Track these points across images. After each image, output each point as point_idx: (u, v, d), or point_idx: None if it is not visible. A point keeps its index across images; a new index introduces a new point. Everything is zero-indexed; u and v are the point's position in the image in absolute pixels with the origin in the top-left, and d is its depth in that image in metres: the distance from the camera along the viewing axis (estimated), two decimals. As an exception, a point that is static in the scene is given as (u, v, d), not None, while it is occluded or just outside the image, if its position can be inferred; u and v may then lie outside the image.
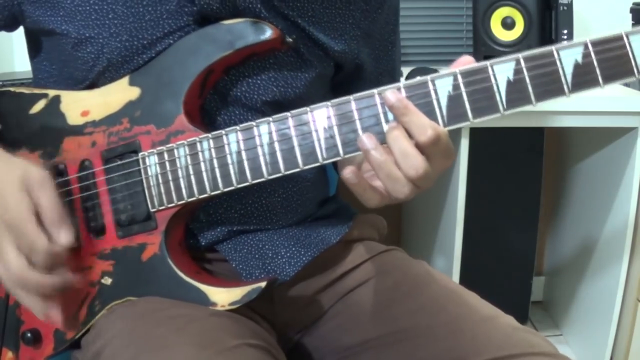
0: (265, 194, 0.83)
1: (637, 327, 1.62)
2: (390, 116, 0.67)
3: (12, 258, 0.69)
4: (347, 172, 0.66)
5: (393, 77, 0.94)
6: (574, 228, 1.97)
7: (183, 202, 0.75)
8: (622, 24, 0.61)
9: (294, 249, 0.84)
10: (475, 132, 1.55)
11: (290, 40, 0.76)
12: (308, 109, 0.69)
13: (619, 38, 0.63)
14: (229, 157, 0.72)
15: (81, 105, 0.79)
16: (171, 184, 0.75)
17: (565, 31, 1.73)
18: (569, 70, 0.64)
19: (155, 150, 0.75)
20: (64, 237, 0.70)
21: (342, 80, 0.90)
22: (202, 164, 0.73)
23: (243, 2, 0.76)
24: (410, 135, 0.65)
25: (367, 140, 0.65)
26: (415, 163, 0.64)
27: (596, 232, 1.76)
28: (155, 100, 0.76)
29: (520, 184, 1.90)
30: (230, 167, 0.72)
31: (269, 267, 0.83)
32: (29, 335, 0.80)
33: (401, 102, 0.65)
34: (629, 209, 1.58)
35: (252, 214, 0.84)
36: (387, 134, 0.65)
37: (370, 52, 0.90)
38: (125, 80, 0.78)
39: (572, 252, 1.96)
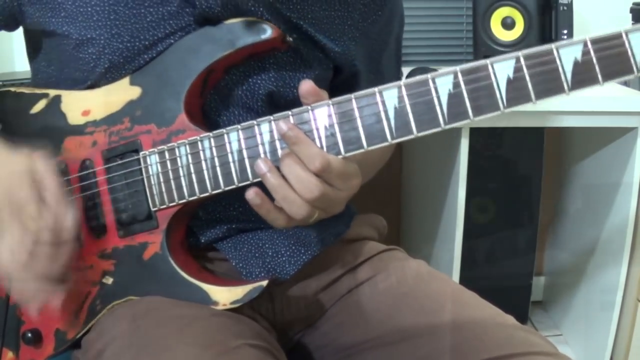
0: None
1: (637, 327, 1.62)
2: (392, 114, 0.67)
3: (18, 236, 0.68)
4: (250, 194, 0.70)
5: (384, 79, 0.93)
6: (574, 228, 1.96)
7: (184, 200, 0.75)
8: (622, 24, 0.62)
9: (294, 247, 0.84)
10: (475, 132, 1.54)
11: (290, 39, 0.76)
12: (309, 107, 0.70)
13: (618, 36, 0.63)
14: (230, 155, 0.72)
15: (82, 105, 0.79)
16: (172, 182, 0.75)
17: (565, 31, 1.73)
18: (568, 68, 0.64)
19: (156, 150, 0.75)
20: (68, 214, 0.70)
21: (339, 85, 0.90)
22: (203, 163, 0.73)
23: (245, 5, 0.76)
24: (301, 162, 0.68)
25: (263, 165, 0.69)
26: (310, 186, 0.68)
27: (596, 232, 1.76)
28: (156, 100, 0.76)
29: (520, 184, 1.90)
30: (232, 165, 0.72)
31: (269, 266, 0.83)
32: (29, 335, 0.80)
33: (293, 131, 0.68)
34: (629, 209, 1.58)
35: (251, 211, 0.83)
36: (281, 162, 0.69)
37: (365, 51, 0.89)
38: (126, 80, 0.78)
39: (572, 252, 1.96)
